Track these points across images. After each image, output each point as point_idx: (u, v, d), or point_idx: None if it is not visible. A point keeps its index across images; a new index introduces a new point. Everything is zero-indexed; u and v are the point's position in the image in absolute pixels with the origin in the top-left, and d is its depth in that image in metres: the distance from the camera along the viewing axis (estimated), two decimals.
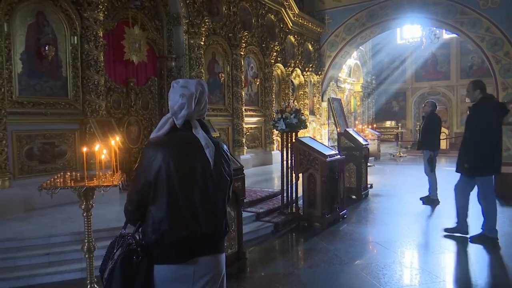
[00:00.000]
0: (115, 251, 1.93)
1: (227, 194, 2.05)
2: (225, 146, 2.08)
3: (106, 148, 3.37)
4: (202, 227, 1.88)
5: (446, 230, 5.66)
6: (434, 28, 16.21)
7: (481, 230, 5.33)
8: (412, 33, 19.79)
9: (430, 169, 7.62)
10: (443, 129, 15.17)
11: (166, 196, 1.84)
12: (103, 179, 3.13)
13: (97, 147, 3.22)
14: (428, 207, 7.35)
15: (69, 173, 3.30)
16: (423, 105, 8.32)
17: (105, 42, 6.77)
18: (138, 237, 1.94)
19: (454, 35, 16.29)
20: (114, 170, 3.30)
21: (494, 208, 5.26)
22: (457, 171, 5.40)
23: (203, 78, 8.85)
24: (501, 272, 4.25)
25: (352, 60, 18.25)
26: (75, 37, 6.41)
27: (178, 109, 1.93)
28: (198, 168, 1.90)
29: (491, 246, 5.08)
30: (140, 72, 7.88)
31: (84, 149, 3.24)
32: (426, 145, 7.64)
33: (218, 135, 9.07)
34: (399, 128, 20.44)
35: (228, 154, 2.08)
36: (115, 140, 3.38)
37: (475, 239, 5.29)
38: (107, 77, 7.04)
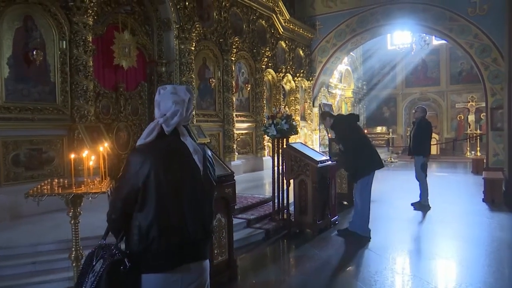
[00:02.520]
0: (94, 263, 1.87)
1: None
2: (209, 152, 2.09)
3: (94, 154, 3.34)
4: (190, 233, 1.88)
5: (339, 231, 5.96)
6: (424, 35, 16.41)
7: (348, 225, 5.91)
8: (402, 39, 19.98)
9: (424, 175, 7.69)
10: (433, 135, 15.30)
11: (155, 203, 1.83)
12: (91, 186, 3.10)
13: (85, 153, 3.19)
14: (419, 213, 7.39)
15: (56, 180, 3.26)
16: (413, 111, 8.38)
17: (94, 47, 6.72)
18: (121, 248, 1.90)
19: (444, 42, 16.52)
20: (103, 176, 3.26)
21: (367, 209, 5.67)
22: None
23: (193, 83, 8.84)
24: (491, 277, 4.28)
25: (343, 65, 18.37)
26: (64, 42, 6.36)
27: (170, 116, 1.93)
28: (186, 174, 1.90)
29: (484, 253, 5.11)
30: (129, 77, 7.84)
31: (72, 156, 3.20)
32: (419, 151, 7.70)
33: (209, 141, 9.05)
34: (390, 133, 20.58)
35: (212, 159, 2.09)
36: (104, 146, 3.34)
37: (341, 232, 5.86)
38: (96, 82, 7.00)
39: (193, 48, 8.84)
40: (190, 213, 1.89)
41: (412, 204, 7.78)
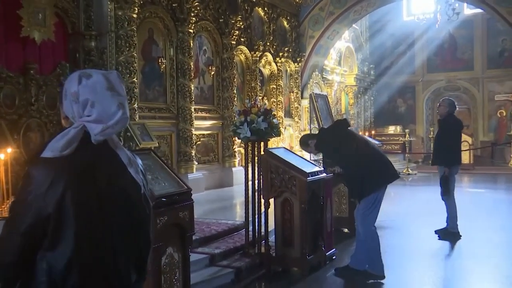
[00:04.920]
0: None
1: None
2: (139, 160, 2.05)
3: None
4: (122, 274, 1.86)
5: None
6: (453, 1, 16.78)
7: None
8: (423, 7, 20.33)
9: (444, 192, 7.81)
10: (465, 137, 15.55)
11: (74, 235, 1.77)
12: None
13: None
14: (446, 243, 7.51)
15: None
16: (438, 104, 8.53)
17: None
18: None
19: (479, 11, 16.91)
20: (4, 195, 3.22)
21: (372, 237, 5.70)
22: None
23: (135, 64, 8.77)
24: None
25: (343, 42, 18.60)
26: None
27: (113, 125, 1.84)
28: (119, 194, 1.87)
29: None
30: (44, 55, 7.73)
31: None
32: (439, 159, 7.86)
33: (157, 145, 8.99)
34: (407, 135, 20.84)
35: (143, 168, 2.06)
36: (6, 152, 3.30)
37: (340, 272, 5.92)
38: None
39: (135, 16, 8.78)
40: (122, 247, 1.86)
41: (436, 232, 7.90)
